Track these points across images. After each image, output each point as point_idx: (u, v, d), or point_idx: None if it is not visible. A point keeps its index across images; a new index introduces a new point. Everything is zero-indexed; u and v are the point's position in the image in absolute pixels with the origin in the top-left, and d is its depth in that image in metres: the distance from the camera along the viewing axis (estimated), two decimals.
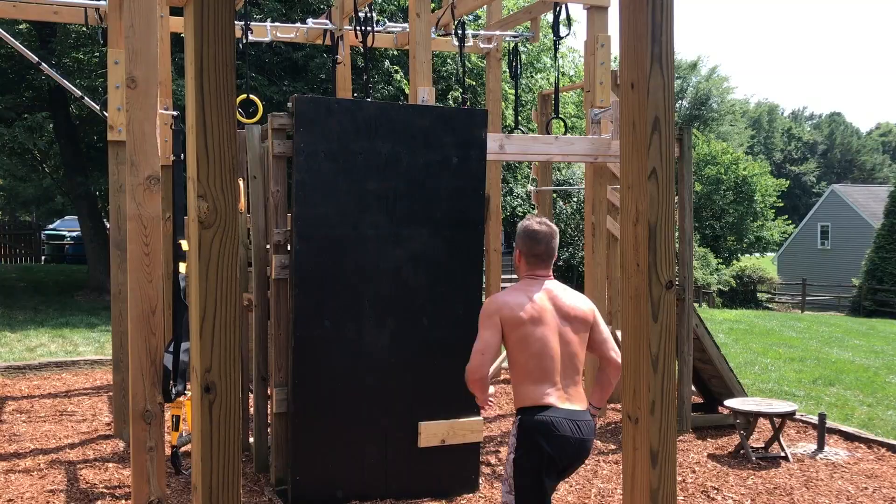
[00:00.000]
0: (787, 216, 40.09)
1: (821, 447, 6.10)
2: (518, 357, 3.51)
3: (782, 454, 5.89)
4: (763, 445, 6.09)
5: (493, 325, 3.50)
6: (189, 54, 2.06)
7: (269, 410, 5.26)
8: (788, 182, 43.14)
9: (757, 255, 38.16)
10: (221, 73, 2.00)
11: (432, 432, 4.97)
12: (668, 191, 2.54)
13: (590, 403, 3.59)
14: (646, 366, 2.53)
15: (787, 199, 47.55)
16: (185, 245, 4.31)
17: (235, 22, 2.92)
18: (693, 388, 6.91)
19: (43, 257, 27.49)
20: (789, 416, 6.02)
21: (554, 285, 3.55)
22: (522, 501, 3.37)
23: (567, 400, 3.44)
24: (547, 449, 3.32)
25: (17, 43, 6.68)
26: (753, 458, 5.82)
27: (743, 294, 29.39)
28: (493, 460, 5.75)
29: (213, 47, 1.99)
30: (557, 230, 3.67)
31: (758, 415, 5.99)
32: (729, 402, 6.24)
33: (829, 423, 6.55)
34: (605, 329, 3.57)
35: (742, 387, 6.90)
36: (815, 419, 6.66)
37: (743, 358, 11.09)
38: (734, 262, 33.44)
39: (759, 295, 30.47)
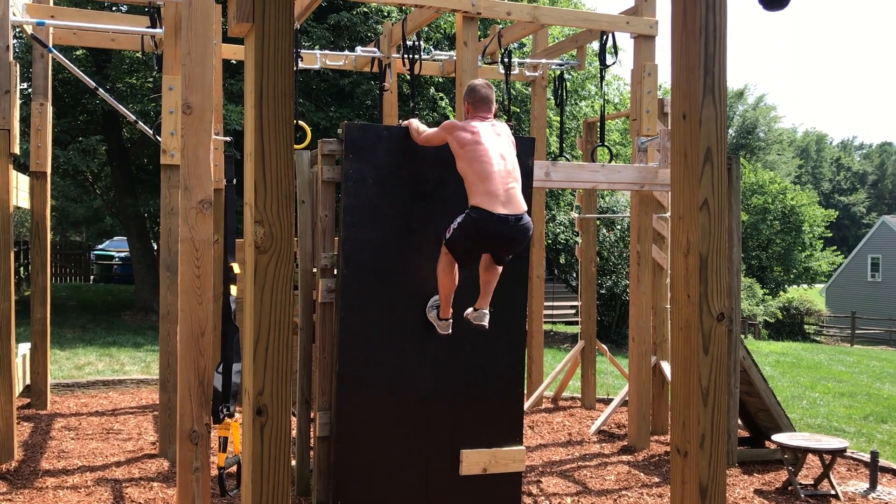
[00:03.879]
0: (835, 247, 39.30)
1: (873, 486, 5.93)
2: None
3: (832, 492, 5.74)
4: (812, 482, 5.95)
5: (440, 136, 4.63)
6: (249, 83, 2.11)
7: (311, 434, 5.28)
8: (837, 213, 42.32)
9: (804, 286, 37.40)
10: (280, 102, 2.05)
11: (474, 460, 4.95)
12: (719, 221, 2.52)
13: None
14: (696, 399, 2.51)
15: (835, 230, 46.66)
16: (236, 268, 4.38)
17: None
18: (739, 421, 6.78)
19: (92, 277, 28.09)
20: (840, 452, 5.86)
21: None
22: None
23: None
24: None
25: (75, 69, 6.88)
26: (802, 496, 5.68)
27: (790, 326, 28.80)
28: (534, 490, 5.70)
29: (272, 76, 2.04)
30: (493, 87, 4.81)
31: (807, 450, 5.85)
32: (776, 437, 6.11)
33: (882, 462, 6.37)
34: None
35: (790, 421, 6.76)
36: (866, 457, 6.48)
37: (790, 392, 10.86)
38: (781, 293, 32.81)
39: (806, 327, 29.83)
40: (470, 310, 4.78)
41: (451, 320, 4.76)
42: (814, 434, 6.58)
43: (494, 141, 4.54)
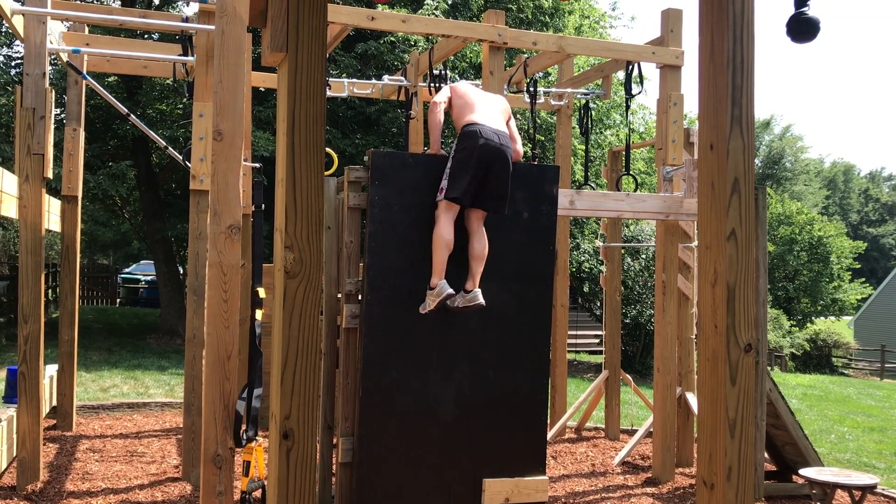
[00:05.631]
0: (864, 279, 38.80)
1: None
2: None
3: None
4: None
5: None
6: (281, 111, 2.15)
7: (334, 459, 5.28)
8: (866, 244, 41.79)
9: (832, 318, 36.90)
10: (312, 130, 2.08)
11: (496, 490, 4.92)
12: (747, 251, 2.52)
13: None
14: (722, 430, 2.49)
15: (864, 262, 46.08)
16: (262, 293, 4.42)
17: None
18: (766, 454, 6.68)
19: (118, 300, 28.36)
20: (870, 489, 5.76)
21: None
22: None
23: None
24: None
25: (108, 95, 7.02)
26: None
27: (817, 359, 28.37)
28: None
29: (304, 105, 2.08)
30: None
31: (836, 486, 5.74)
32: (804, 472, 6.01)
33: None
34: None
35: (818, 455, 6.65)
36: None
37: (818, 425, 10.68)
38: (808, 325, 32.39)
39: (834, 360, 29.39)
40: (460, 295, 4.76)
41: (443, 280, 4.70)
42: (843, 469, 6.47)
43: (484, 95, 5.15)
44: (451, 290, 4.64)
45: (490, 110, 4.96)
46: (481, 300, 4.75)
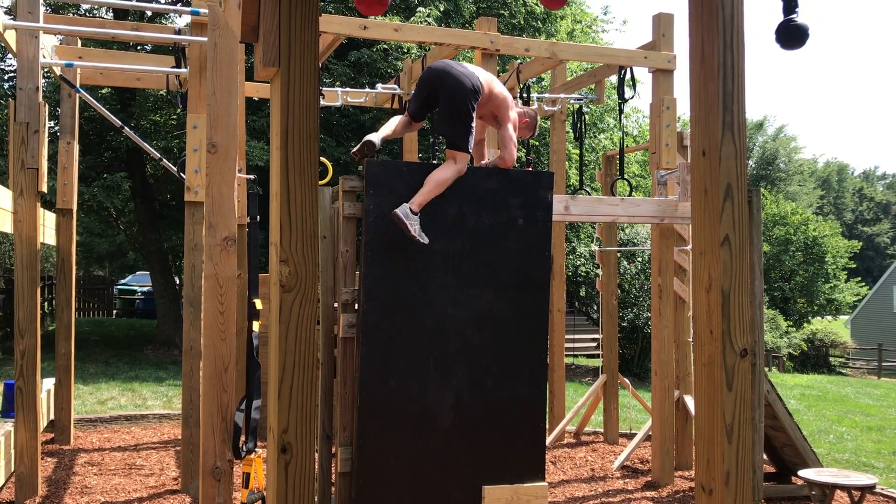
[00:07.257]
0: (859, 278, 38.87)
1: None
2: None
3: None
4: None
5: None
6: (275, 125, 2.15)
7: (333, 469, 5.27)
8: (861, 243, 41.86)
9: (829, 318, 36.94)
10: (305, 144, 2.09)
11: (496, 496, 4.91)
12: (741, 257, 2.53)
13: None
14: (720, 435, 2.49)
15: (859, 261, 46.13)
16: (258, 304, 4.42)
17: None
18: (764, 456, 6.69)
19: (115, 311, 28.30)
20: (869, 489, 5.76)
21: None
22: None
23: None
24: None
25: (102, 108, 7.02)
26: None
27: (814, 359, 28.41)
28: None
29: (298, 119, 2.09)
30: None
31: (835, 487, 5.75)
32: (803, 473, 6.02)
33: None
34: None
35: (816, 456, 6.66)
36: None
37: (816, 426, 10.69)
38: (805, 325, 32.44)
39: (831, 360, 29.43)
40: None
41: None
42: (842, 469, 6.48)
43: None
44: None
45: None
46: (398, 211, 4.65)
